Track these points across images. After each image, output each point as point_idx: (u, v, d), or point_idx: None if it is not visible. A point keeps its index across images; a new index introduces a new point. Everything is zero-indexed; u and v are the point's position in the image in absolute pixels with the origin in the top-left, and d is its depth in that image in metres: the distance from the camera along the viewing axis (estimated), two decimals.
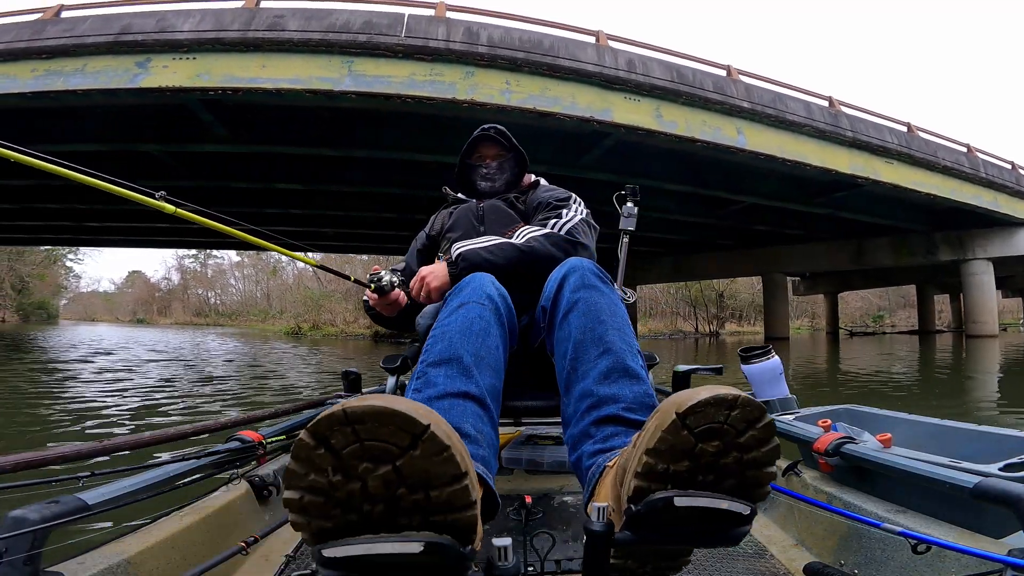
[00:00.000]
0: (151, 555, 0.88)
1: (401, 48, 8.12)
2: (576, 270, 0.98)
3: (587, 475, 0.78)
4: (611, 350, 0.85)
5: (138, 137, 9.09)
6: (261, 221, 14.82)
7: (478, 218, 1.41)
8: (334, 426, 0.48)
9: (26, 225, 15.08)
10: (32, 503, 0.75)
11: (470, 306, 0.91)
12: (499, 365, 0.88)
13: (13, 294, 34.86)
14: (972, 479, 0.86)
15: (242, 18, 8.14)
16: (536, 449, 1.60)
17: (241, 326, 38.33)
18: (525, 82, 8.41)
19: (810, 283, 29.81)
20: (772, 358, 1.66)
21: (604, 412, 0.80)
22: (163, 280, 56.02)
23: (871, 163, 11.19)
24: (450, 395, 0.79)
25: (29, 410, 4.22)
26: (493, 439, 0.79)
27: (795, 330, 36.73)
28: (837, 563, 1.01)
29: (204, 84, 7.76)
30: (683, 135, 9.27)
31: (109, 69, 7.90)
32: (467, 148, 1.53)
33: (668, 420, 0.56)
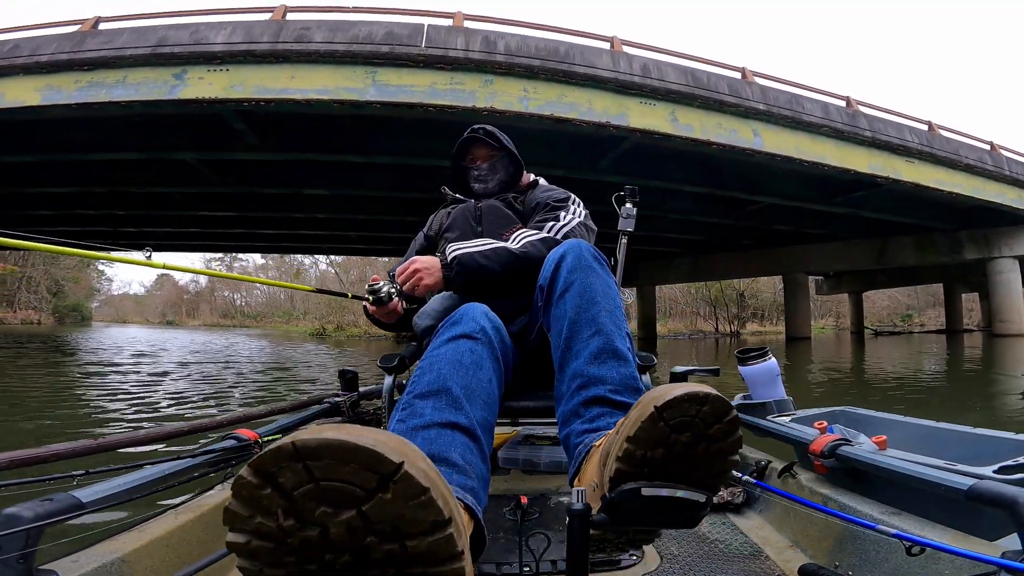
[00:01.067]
0: (146, 553, 0.87)
1: (422, 58, 8.40)
2: (573, 250, 1.00)
3: (575, 452, 0.83)
4: (602, 331, 0.90)
5: (174, 145, 9.51)
6: (288, 225, 15.43)
7: (476, 218, 1.40)
8: (282, 463, 0.41)
9: (65, 231, 15.80)
10: (26, 501, 0.75)
11: (461, 340, 0.89)
12: (492, 399, 0.86)
13: (49, 297, 36.15)
14: (967, 481, 0.86)
15: (271, 30, 8.49)
16: (533, 449, 1.60)
17: (265, 327, 39.13)
18: (542, 89, 8.63)
19: (833, 282, 29.43)
20: (769, 360, 1.67)
21: (592, 393, 0.85)
22: (191, 283, 57.49)
23: (891, 162, 11.13)
24: (437, 424, 0.76)
25: (94, 403, 4.58)
26: (484, 473, 0.76)
27: (819, 329, 36.25)
28: (832, 564, 1.02)
29: (238, 95, 8.12)
30: (699, 138, 9.38)
31: (148, 81, 8.28)
32: (457, 150, 1.52)
33: (647, 413, 0.62)
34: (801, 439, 1.26)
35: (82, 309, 40.19)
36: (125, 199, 12.30)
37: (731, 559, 1.10)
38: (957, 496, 0.86)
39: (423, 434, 0.74)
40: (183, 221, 14.45)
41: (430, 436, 0.74)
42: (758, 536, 1.22)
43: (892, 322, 39.94)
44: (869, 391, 5.87)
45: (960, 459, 1.03)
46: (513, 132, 7.13)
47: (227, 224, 14.98)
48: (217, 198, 12.03)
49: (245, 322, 46.99)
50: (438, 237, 1.47)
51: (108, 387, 5.83)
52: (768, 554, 1.12)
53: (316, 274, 45.82)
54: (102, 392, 5.43)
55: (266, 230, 15.85)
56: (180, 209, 12.90)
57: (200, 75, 8.30)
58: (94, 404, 4.66)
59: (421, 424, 0.75)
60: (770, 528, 1.26)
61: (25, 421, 3.76)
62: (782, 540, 1.19)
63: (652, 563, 1.07)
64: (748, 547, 1.16)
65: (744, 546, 1.17)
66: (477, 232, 1.36)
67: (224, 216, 13.72)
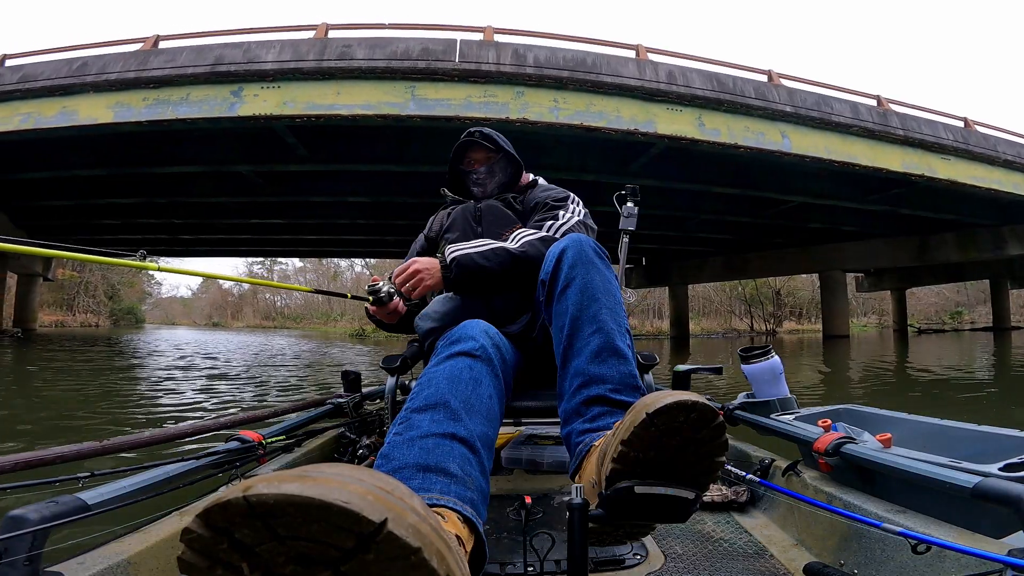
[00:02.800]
0: (151, 555, 0.87)
1: (457, 72, 8.86)
2: (574, 245, 1.01)
3: (575, 450, 0.87)
4: (603, 329, 0.93)
5: (232, 159, 10.20)
6: (332, 231, 16.23)
7: (475, 219, 1.41)
8: (235, 518, 0.35)
9: (126, 239, 16.97)
10: (32, 503, 0.75)
11: (460, 358, 0.89)
12: (492, 416, 0.86)
13: (106, 300, 38.24)
14: (972, 479, 0.86)
15: (316, 48, 9.03)
16: (536, 449, 1.61)
17: (305, 329, 40.24)
18: (571, 99, 8.98)
19: (875, 279, 28.66)
20: (772, 358, 1.68)
21: (593, 392, 0.88)
22: (235, 286, 59.65)
23: (926, 160, 11.04)
24: (435, 435, 0.75)
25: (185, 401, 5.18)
26: (483, 487, 0.75)
27: (862, 328, 35.35)
28: (837, 563, 1.02)
29: (290, 112, 8.70)
30: (726, 142, 9.55)
31: (209, 98, 8.83)
32: (455, 154, 1.52)
33: (640, 418, 0.66)
34: (805, 437, 1.26)
35: (136, 312, 42.36)
36: (183, 209, 13.24)
37: (735, 558, 1.10)
38: (962, 494, 0.86)
39: (420, 444, 0.73)
40: (235, 228, 15.40)
41: (427, 446, 0.73)
42: (762, 535, 1.21)
43: (940, 319, 38.49)
44: (896, 392, 5.93)
45: (965, 457, 1.02)
46: (544, 138, 7.73)
47: (275, 231, 15.86)
48: (268, 207, 12.83)
49: (285, 324, 48.46)
50: (438, 238, 1.47)
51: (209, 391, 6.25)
52: (773, 552, 1.12)
53: (352, 276, 47.22)
54: (196, 395, 6.01)
55: (311, 235, 16.69)
56: (233, 218, 13.79)
57: (255, 92, 8.87)
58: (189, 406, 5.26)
59: (418, 435, 0.74)
60: (774, 527, 1.25)
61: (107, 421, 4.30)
62: (786, 539, 1.18)
63: (656, 562, 1.08)
64: (752, 546, 1.16)
65: (748, 545, 1.17)
66: (477, 232, 1.36)
67: (273, 223, 14.58)
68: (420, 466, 0.71)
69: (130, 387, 5.88)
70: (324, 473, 0.36)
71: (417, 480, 0.69)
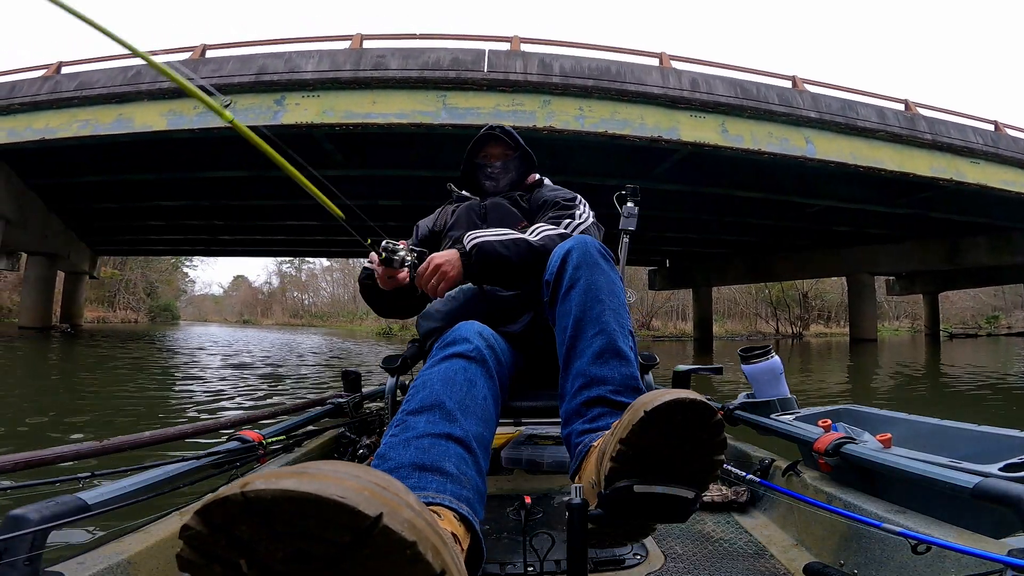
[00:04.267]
0: (151, 555, 0.88)
1: (485, 82, 9.20)
2: (579, 246, 1.02)
3: (575, 450, 0.87)
4: (606, 331, 0.93)
5: (272, 164, 10.62)
6: (364, 232, 16.56)
7: (480, 216, 1.40)
8: (234, 514, 0.35)
9: (171, 239, 17.81)
10: (32, 503, 0.75)
11: (455, 359, 0.90)
12: (488, 416, 0.86)
13: (145, 297, 39.69)
14: (972, 479, 0.86)
15: (352, 59, 9.43)
16: (536, 449, 1.60)
17: (332, 327, 40.90)
18: (596, 107, 9.24)
19: (906, 282, 28.08)
20: (772, 358, 1.68)
21: (594, 393, 0.89)
22: (264, 284, 61.15)
23: (954, 164, 10.99)
24: (431, 435, 0.75)
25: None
26: (480, 486, 0.76)
27: (893, 332, 34.62)
28: (837, 563, 1.02)
29: (330, 120, 9.11)
30: (749, 148, 9.68)
31: (254, 107, 9.27)
32: (473, 147, 1.52)
33: (638, 416, 0.66)
34: (805, 437, 1.26)
35: (172, 309, 43.78)
36: (225, 211, 13.89)
37: (735, 558, 1.10)
38: (963, 494, 0.86)
39: (416, 443, 0.74)
40: (272, 230, 16.06)
41: (423, 445, 0.74)
42: (762, 535, 1.22)
43: (976, 324, 37.40)
44: (916, 397, 5.92)
45: (965, 457, 1.02)
46: (570, 143, 8.13)
47: (310, 232, 16.45)
48: (304, 209, 13.36)
49: (313, 322, 49.42)
50: (443, 235, 1.45)
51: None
52: (773, 553, 1.12)
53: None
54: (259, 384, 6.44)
55: (343, 236, 17.25)
56: (271, 219, 14.41)
57: (296, 101, 9.31)
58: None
59: (414, 436, 0.75)
60: (774, 527, 1.25)
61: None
62: (787, 539, 1.19)
63: (656, 562, 1.08)
64: (752, 546, 1.16)
65: (748, 545, 1.17)
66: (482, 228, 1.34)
67: (308, 225, 15.15)
68: (416, 465, 0.71)
69: (204, 388, 5.86)
70: (321, 470, 0.37)
71: (413, 479, 0.70)
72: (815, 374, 8.47)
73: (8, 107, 10.14)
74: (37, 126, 10.00)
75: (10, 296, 24.32)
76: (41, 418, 3.73)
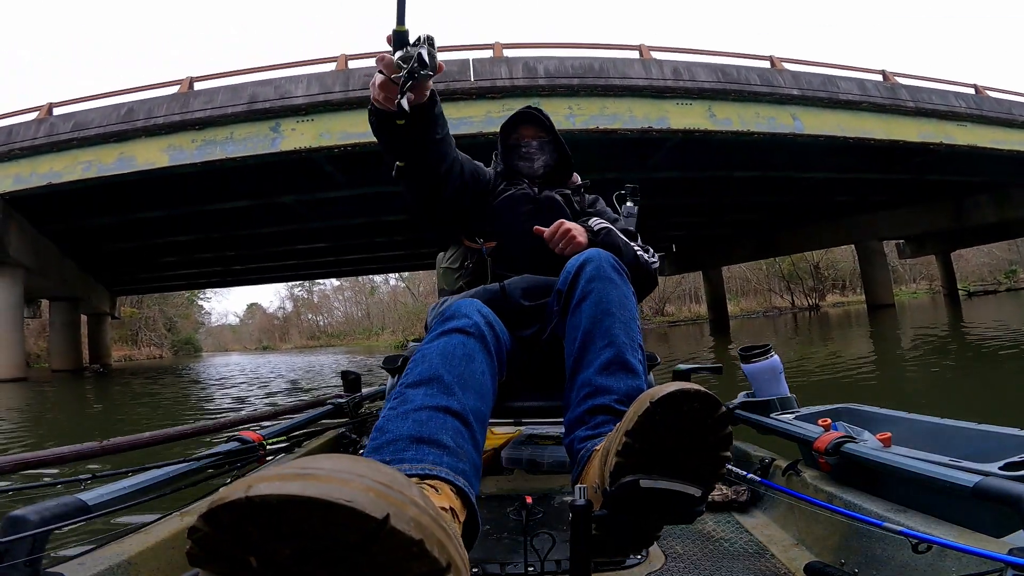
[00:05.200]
0: (151, 556, 0.87)
1: (474, 90, 9.43)
2: (593, 260, 1.02)
3: (577, 456, 0.86)
4: (614, 343, 0.93)
5: (277, 191, 10.88)
6: (372, 248, 17.09)
7: (533, 210, 1.38)
8: (239, 517, 0.36)
9: (185, 273, 18.31)
10: (32, 504, 0.75)
11: (453, 334, 0.90)
12: (485, 391, 0.87)
13: (166, 333, 40.50)
14: (972, 478, 0.86)
15: (340, 80, 9.61)
16: (536, 449, 1.59)
17: (349, 345, 41.06)
18: (585, 104, 9.45)
19: (915, 245, 27.82)
20: (771, 357, 1.67)
21: (598, 402, 0.88)
22: (279, 309, 61.83)
23: (942, 128, 11.10)
24: (428, 408, 0.76)
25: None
26: (476, 460, 0.76)
27: (912, 295, 34.32)
28: (838, 562, 1.02)
29: (327, 143, 9.28)
30: (739, 130, 9.84)
31: (251, 136, 9.38)
32: (507, 128, 1.49)
33: (643, 407, 0.66)
34: (805, 436, 1.26)
35: (194, 342, 44.59)
36: (235, 241, 14.26)
37: (736, 557, 1.10)
38: (963, 493, 0.86)
39: (414, 416, 0.75)
40: (282, 255, 16.48)
41: (421, 418, 0.74)
42: (763, 534, 1.21)
43: (995, 280, 36.87)
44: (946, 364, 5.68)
45: (965, 456, 1.02)
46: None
47: (319, 254, 16.81)
48: (311, 232, 13.66)
49: (330, 342, 49.86)
50: (484, 199, 1.40)
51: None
52: (773, 552, 1.12)
53: (388, 290, 48.56)
54: None
55: (352, 255, 17.64)
56: (280, 245, 14.78)
57: (292, 126, 9.46)
58: None
59: (412, 408, 0.76)
60: (775, 526, 1.25)
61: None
62: (787, 538, 1.18)
63: (657, 562, 1.08)
64: (753, 545, 1.16)
65: (749, 544, 1.17)
66: (528, 219, 1.31)
67: (317, 247, 15.51)
68: (414, 438, 0.72)
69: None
70: (324, 469, 0.37)
71: (411, 451, 0.70)
72: (833, 351, 8.40)
73: (9, 152, 10.23)
74: (41, 171, 10.12)
75: (35, 342, 25.00)
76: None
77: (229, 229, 12.81)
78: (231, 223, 12.59)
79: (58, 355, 15.81)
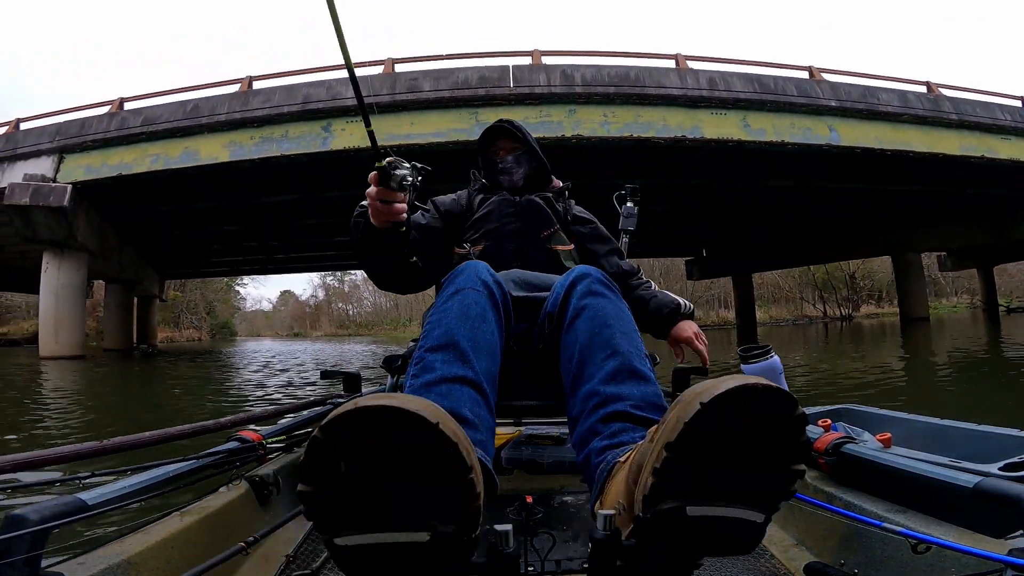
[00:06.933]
0: (151, 555, 0.87)
1: (513, 97, 9.78)
2: (583, 277, 0.99)
3: (595, 473, 0.75)
4: (618, 352, 0.86)
5: (324, 187, 11.40)
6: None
7: (515, 214, 1.40)
8: (348, 424, 0.52)
9: (230, 260, 19.19)
10: (32, 503, 0.74)
11: (467, 291, 0.93)
12: (495, 350, 0.90)
13: (205, 316, 42.08)
14: (972, 479, 0.85)
15: (387, 83, 10.06)
16: (536, 449, 1.60)
17: (377, 335, 41.53)
18: (620, 112, 9.69)
19: (957, 258, 27.07)
20: (771, 357, 1.65)
21: (611, 409, 0.80)
22: (311, 297, 63.20)
23: (984, 141, 10.96)
24: (447, 380, 0.81)
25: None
26: (490, 423, 0.82)
27: (951, 309, 33.30)
28: (837, 563, 1.01)
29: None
30: (773, 140, 9.90)
31: (305, 135, 9.89)
32: (483, 140, 1.53)
33: (692, 411, 0.53)
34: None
35: (231, 326, 46.24)
36: (280, 233, 14.98)
37: (735, 558, 1.08)
38: (963, 493, 0.85)
39: (436, 389, 0.80)
40: (321, 246, 17.17)
41: (443, 391, 0.80)
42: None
43: None
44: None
45: (965, 456, 1.01)
46: (597, 146, 8.73)
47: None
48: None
49: (359, 331, 50.55)
50: (466, 222, 1.43)
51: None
52: (773, 552, 1.12)
53: None
54: None
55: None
56: (322, 237, 15.44)
57: (342, 127, 9.93)
58: None
59: (433, 380, 0.82)
60: (774, 527, 1.23)
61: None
62: (787, 538, 1.18)
63: None
64: None
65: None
66: (515, 227, 1.37)
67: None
68: None
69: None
70: (400, 397, 0.54)
71: None
72: (848, 362, 8.54)
73: (82, 144, 10.96)
74: (112, 162, 10.79)
75: (86, 322, 26.31)
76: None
77: (276, 220, 13.46)
78: (278, 215, 13.19)
79: (110, 334, 16.67)
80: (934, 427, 1.34)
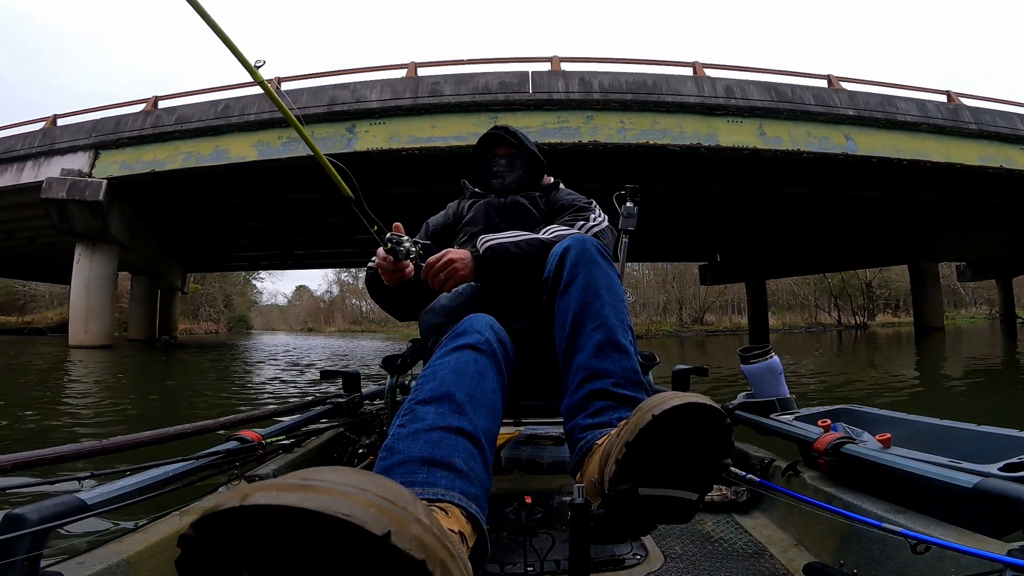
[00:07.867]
0: (150, 555, 0.87)
1: (532, 102, 9.97)
2: (577, 244, 1.03)
3: (577, 446, 0.88)
4: (605, 324, 0.95)
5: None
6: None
7: (499, 213, 1.43)
8: (233, 526, 0.35)
9: (251, 255, 19.63)
10: (31, 503, 0.74)
11: (466, 350, 0.89)
12: (496, 411, 0.86)
13: (223, 309, 42.78)
14: (972, 479, 0.86)
15: (410, 87, 10.32)
16: (536, 449, 1.61)
17: (388, 332, 41.81)
18: (636, 119, 9.83)
19: (976, 268, 26.73)
20: (771, 358, 1.66)
21: (595, 386, 0.91)
22: (325, 293, 63.82)
23: (1003, 151, 10.92)
24: (440, 428, 0.74)
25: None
26: (486, 482, 0.74)
27: (970, 319, 32.89)
28: (837, 563, 1.02)
29: (397, 145, 9.99)
30: (788, 149, 9.95)
31: (329, 136, 10.12)
32: (478, 146, 1.56)
33: (645, 420, 0.67)
34: (805, 437, 1.26)
35: (247, 319, 46.91)
36: (301, 229, 15.33)
37: (735, 558, 1.10)
38: (962, 494, 0.86)
39: (426, 436, 0.73)
40: (340, 243, 17.52)
41: (433, 439, 0.73)
42: (762, 535, 1.21)
43: None
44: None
45: (965, 457, 1.01)
46: (613, 152, 8.93)
47: (374, 244, 17.68)
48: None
49: (372, 327, 50.97)
50: (458, 228, 1.48)
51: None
52: (772, 553, 1.13)
53: None
54: None
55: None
56: (341, 235, 15.75)
57: (365, 128, 10.23)
58: None
59: (423, 428, 0.74)
60: (774, 527, 1.25)
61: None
62: (786, 539, 1.19)
63: (656, 562, 1.08)
64: (752, 546, 1.16)
65: (748, 545, 1.17)
66: (499, 227, 1.36)
67: (372, 238, 16.39)
68: (425, 460, 0.70)
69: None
70: (325, 481, 0.36)
71: (422, 474, 0.68)
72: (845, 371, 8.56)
73: (117, 141, 11.33)
74: (146, 159, 11.15)
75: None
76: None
77: (298, 218, 13.76)
78: (301, 212, 13.50)
79: (135, 325, 17.18)
80: (934, 427, 1.33)
